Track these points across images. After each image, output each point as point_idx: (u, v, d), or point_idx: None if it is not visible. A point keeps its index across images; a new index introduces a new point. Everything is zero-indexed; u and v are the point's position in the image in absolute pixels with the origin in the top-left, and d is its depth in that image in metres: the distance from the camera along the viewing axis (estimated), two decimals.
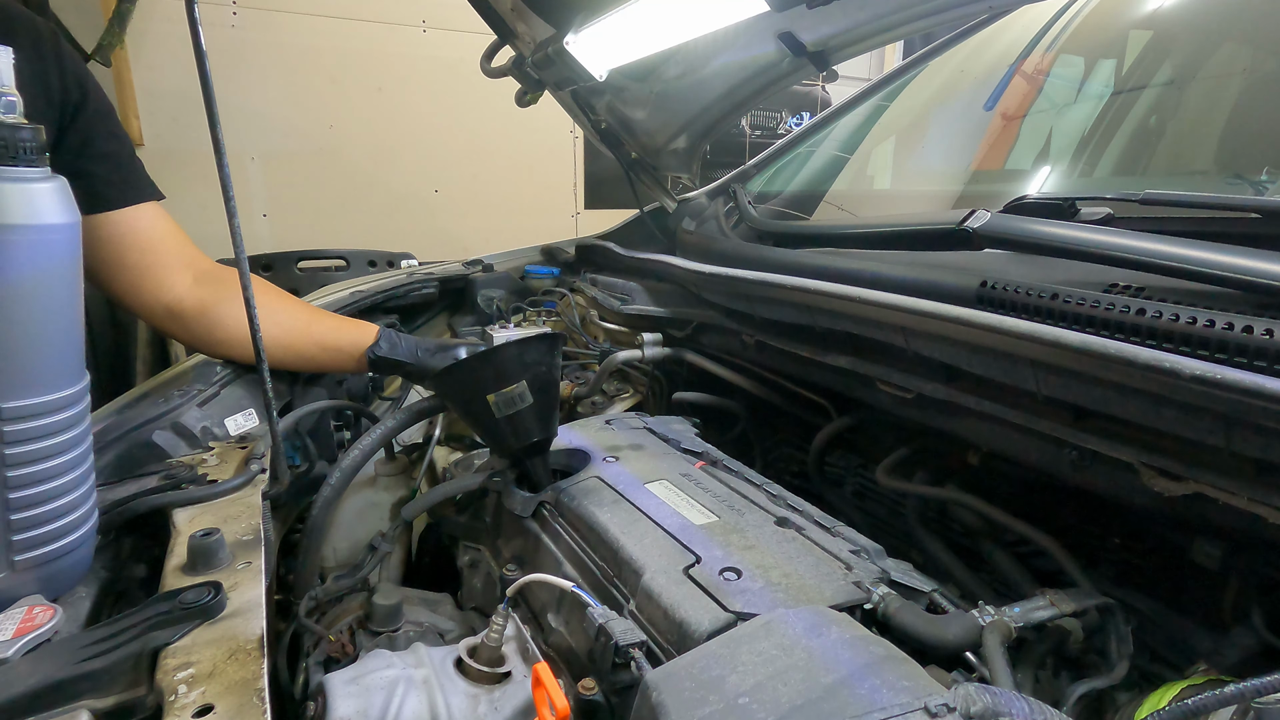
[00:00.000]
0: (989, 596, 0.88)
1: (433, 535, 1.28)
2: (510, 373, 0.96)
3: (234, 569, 0.76)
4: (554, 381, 1.02)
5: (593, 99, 1.58)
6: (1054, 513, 0.94)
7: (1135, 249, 0.75)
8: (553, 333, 1.04)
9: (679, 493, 0.96)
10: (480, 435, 1.08)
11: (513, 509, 1.01)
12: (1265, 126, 1.21)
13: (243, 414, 1.11)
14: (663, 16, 1.18)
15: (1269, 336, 0.60)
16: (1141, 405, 0.69)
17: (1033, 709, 0.55)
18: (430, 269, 1.85)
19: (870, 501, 1.25)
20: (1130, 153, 1.38)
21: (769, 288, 1.14)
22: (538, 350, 0.99)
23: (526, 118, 1.81)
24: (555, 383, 1.02)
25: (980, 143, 1.65)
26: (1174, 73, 1.44)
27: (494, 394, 0.96)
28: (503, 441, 1.02)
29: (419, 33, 3.59)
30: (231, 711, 0.56)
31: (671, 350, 1.55)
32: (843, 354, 1.10)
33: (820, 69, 1.32)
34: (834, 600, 0.72)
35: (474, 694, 0.74)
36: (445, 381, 1.03)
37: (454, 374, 1.01)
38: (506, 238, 2.47)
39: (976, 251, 0.95)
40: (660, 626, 0.72)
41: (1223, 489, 0.67)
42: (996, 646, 0.70)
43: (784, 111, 4.48)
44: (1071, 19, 1.64)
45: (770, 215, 1.56)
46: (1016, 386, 0.82)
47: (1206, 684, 0.68)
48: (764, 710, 0.54)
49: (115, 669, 0.60)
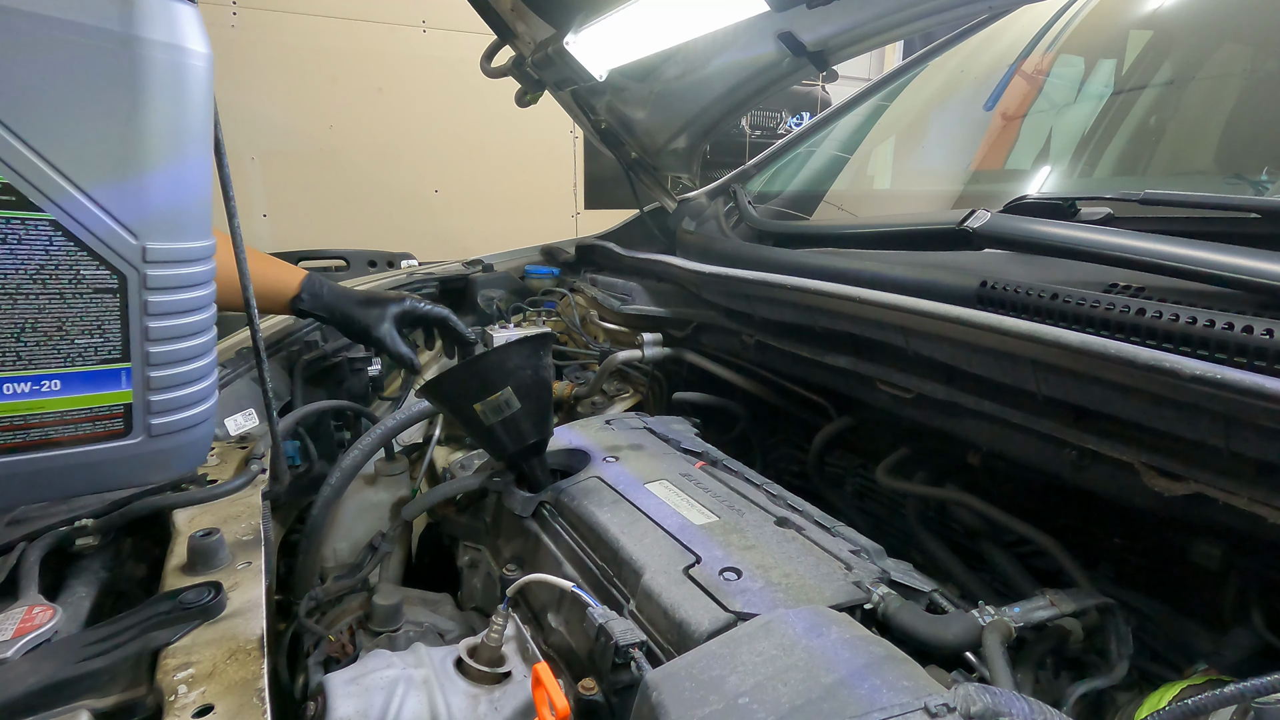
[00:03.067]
0: (989, 596, 0.88)
1: (433, 535, 1.28)
2: (494, 380, 0.95)
3: (234, 569, 0.76)
4: (544, 382, 1.00)
5: (593, 99, 1.58)
6: (1054, 513, 0.94)
7: (1135, 249, 0.75)
8: (540, 333, 1.02)
9: (679, 493, 0.96)
10: (476, 441, 1.08)
11: (513, 509, 1.01)
12: (1265, 126, 1.21)
13: (243, 414, 1.11)
14: (663, 16, 1.18)
15: (1269, 336, 0.60)
16: (1141, 405, 0.69)
17: (1033, 709, 0.55)
18: (430, 269, 1.85)
19: (870, 501, 1.25)
20: (1130, 153, 1.38)
21: (769, 288, 1.14)
22: (521, 354, 0.97)
23: (526, 118, 1.81)
24: (546, 383, 1.00)
25: (980, 143, 1.65)
26: (1174, 73, 1.44)
27: (479, 403, 0.95)
28: (497, 446, 1.01)
29: (419, 33, 3.59)
30: (231, 711, 0.56)
31: (671, 350, 1.55)
32: (843, 354, 1.10)
33: (820, 69, 1.32)
34: (834, 600, 0.72)
35: (474, 694, 0.74)
36: (433, 392, 1.01)
37: (440, 384, 1.00)
38: (506, 238, 2.47)
39: (976, 251, 0.95)
40: (660, 626, 0.72)
41: (1223, 489, 0.67)
42: (996, 646, 0.70)
43: (784, 111, 4.48)
44: (1071, 19, 1.64)
45: (770, 215, 1.56)
46: (1016, 386, 0.82)
47: (1206, 684, 0.68)
48: (764, 710, 0.54)
49: (115, 669, 0.60)
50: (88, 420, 0.60)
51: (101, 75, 0.54)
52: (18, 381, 0.56)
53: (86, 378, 0.59)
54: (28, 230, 0.54)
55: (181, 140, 0.59)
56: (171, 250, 0.60)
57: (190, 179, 0.61)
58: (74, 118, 0.53)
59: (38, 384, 0.57)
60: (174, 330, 0.62)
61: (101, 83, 0.54)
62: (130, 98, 0.55)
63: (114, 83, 0.54)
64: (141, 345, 0.61)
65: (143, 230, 0.58)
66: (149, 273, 0.59)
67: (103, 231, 0.57)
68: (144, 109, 0.56)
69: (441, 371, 1.06)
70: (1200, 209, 0.82)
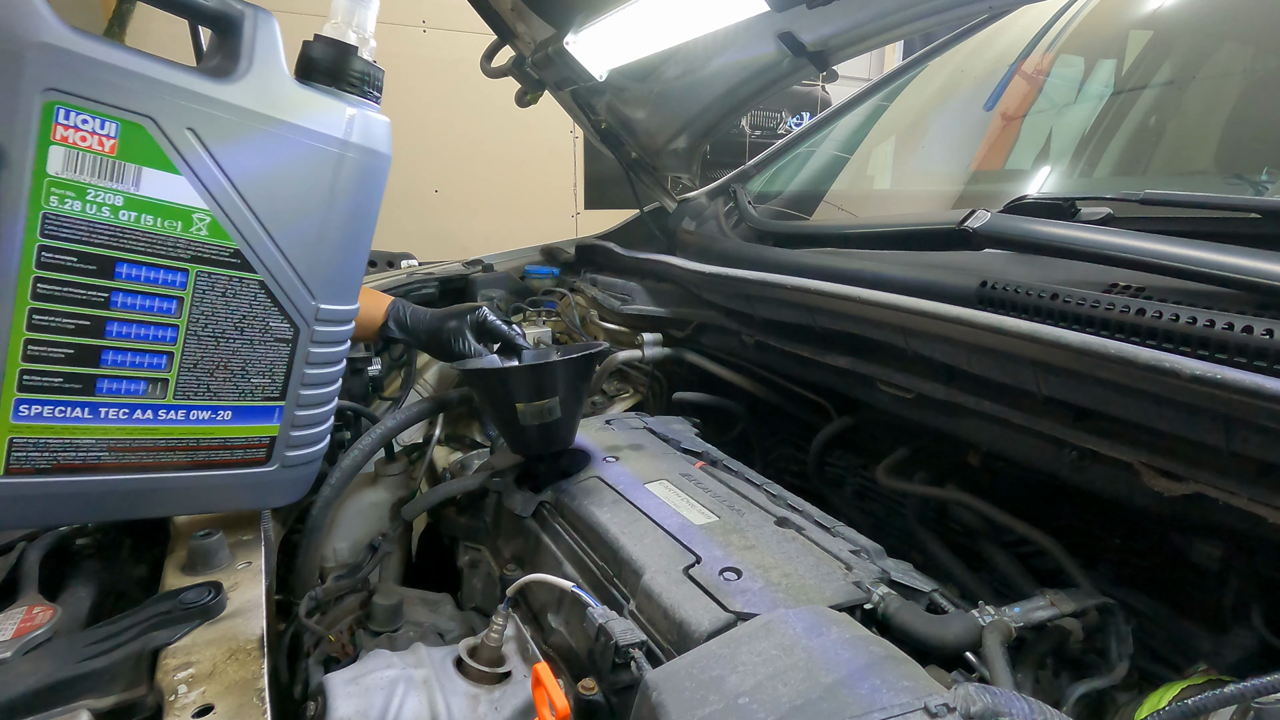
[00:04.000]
0: (989, 596, 0.88)
1: (433, 535, 1.28)
2: (548, 388, 0.96)
3: (234, 569, 0.76)
4: (583, 395, 1.02)
5: (593, 99, 1.58)
6: (1054, 513, 0.94)
7: (1135, 249, 0.75)
8: (597, 349, 1.03)
9: (679, 493, 0.96)
10: (500, 431, 1.08)
11: (513, 509, 1.01)
12: (1265, 126, 1.20)
13: None
14: (663, 16, 1.18)
15: (1269, 336, 0.60)
16: (1141, 405, 0.69)
17: (1033, 709, 0.55)
18: (430, 269, 1.85)
19: (870, 501, 1.25)
20: (1130, 153, 1.38)
21: (769, 288, 1.14)
22: (578, 369, 0.99)
23: (526, 118, 1.81)
24: (584, 396, 1.02)
25: (980, 143, 1.65)
26: (1174, 73, 1.43)
27: (526, 404, 0.96)
28: (523, 444, 1.03)
29: (419, 33, 3.59)
30: (231, 711, 0.56)
31: (671, 350, 1.55)
32: (843, 354, 1.10)
33: (820, 69, 1.32)
34: (834, 600, 0.72)
35: (474, 694, 0.74)
36: (480, 382, 1.02)
37: (492, 378, 1.01)
38: (506, 238, 2.47)
39: (976, 251, 0.95)
40: (660, 626, 0.72)
41: (1223, 489, 0.67)
42: (996, 646, 0.70)
43: (784, 111, 4.48)
44: (1071, 19, 1.64)
45: (770, 215, 1.56)
46: (1017, 386, 0.82)
47: (1206, 684, 0.68)
48: (764, 710, 0.54)
49: (115, 669, 0.60)
50: (242, 447, 0.70)
51: (320, 170, 0.67)
52: (203, 409, 0.67)
53: (252, 411, 0.70)
54: (241, 288, 0.66)
55: (359, 222, 0.72)
56: (334, 311, 0.73)
57: (359, 253, 0.74)
58: (292, 201, 0.66)
59: (216, 413, 0.67)
60: (321, 377, 0.74)
61: (317, 175, 0.67)
62: (333, 187, 0.68)
63: (326, 176, 0.68)
64: (296, 388, 0.72)
65: (319, 292, 0.71)
66: (316, 328, 0.72)
67: (293, 292, 0.69)
68: (340, 196, 0.69)
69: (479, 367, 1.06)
70: (1200, 209, 0.82)
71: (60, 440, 0.59)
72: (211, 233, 0.63)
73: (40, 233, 0.55)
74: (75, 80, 0.54)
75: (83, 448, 0.60)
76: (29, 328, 0.56)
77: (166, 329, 0.63)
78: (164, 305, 0.62)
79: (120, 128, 0.56)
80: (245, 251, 0.65)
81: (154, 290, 0.61)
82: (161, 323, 0.62)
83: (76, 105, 0.54)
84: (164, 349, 0.63)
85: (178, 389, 0.65)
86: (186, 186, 0.61)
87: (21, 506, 0.59)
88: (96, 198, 0.56)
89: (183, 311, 0.63)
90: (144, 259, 0.60)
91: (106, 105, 0.55)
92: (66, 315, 0.57)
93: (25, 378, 0.56)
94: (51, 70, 0.52)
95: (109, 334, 0.60)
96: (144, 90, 0.57)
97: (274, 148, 0.64)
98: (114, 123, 0.56)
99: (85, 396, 0.60)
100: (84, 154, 0.55)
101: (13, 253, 0.54)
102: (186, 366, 0.65)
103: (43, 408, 0.58)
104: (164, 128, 0.58)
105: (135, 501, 0.65)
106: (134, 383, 0.62)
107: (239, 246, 0.64)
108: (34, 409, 0.58)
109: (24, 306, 0.55)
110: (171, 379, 0.64)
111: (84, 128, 0.55)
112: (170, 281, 0.62)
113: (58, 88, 0.53)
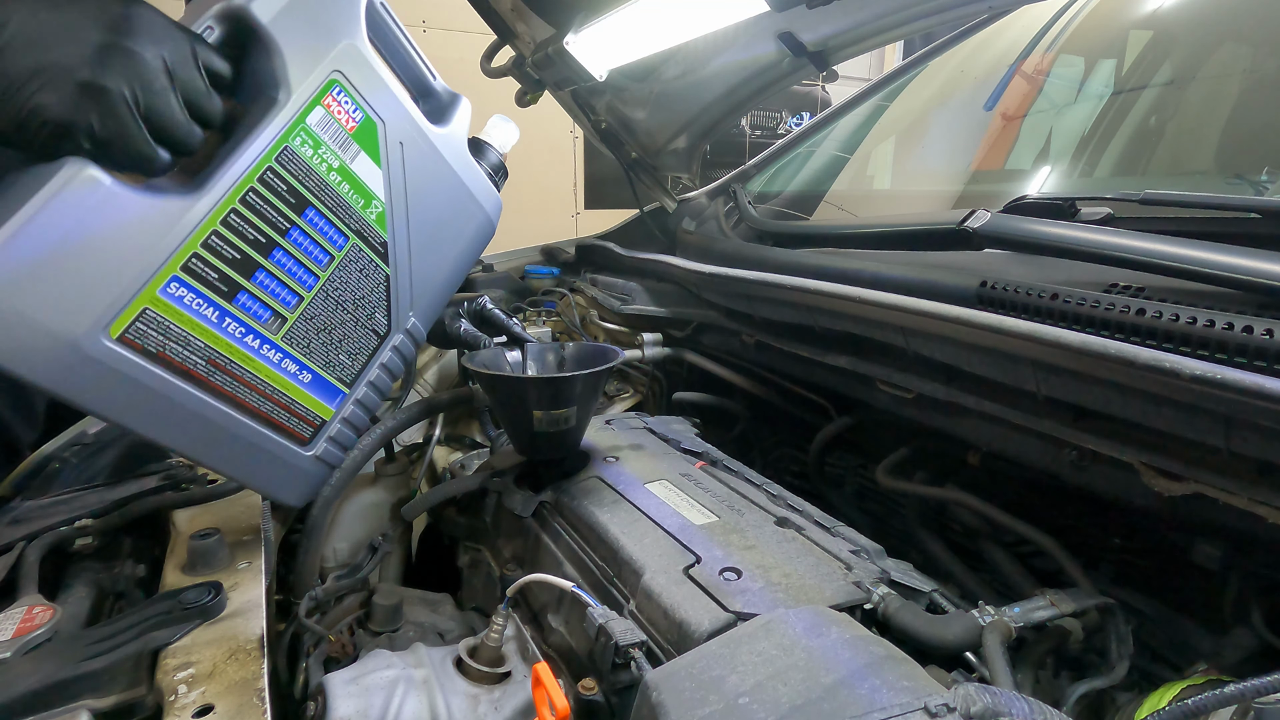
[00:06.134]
0: (989, 596, 0.88)
1: (433, 535, 1.28)
2: (567, 398, 0.95)
3: (234, 569, 0.76)
4: (596, 400, 1.02)
5: (593, 99, 1.58)
6: (1054, 513, 0.94)
7: (1135, 249, 0.75)
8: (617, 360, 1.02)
9: (679, 493, 0.96)
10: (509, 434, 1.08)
11: (513, 509, 1.01)
12: (1265, 126, 1.20)
13: None
14: (663, 16, 1.18)
15: (1269, 336, 0.60)
16: (1141, 405, 0.69)
17: (1033, 709, 0.55)
18: None
19: (870, 501, 1.25)
20: (1130, 153, 1.38)
21: (769, 288, 1.14)
22: (597, 381, 0.99)
23: (526, 118, 1.81)
24: (596, 401, 1.02)
25: (980, 143, 1.65)
26: (1174, 73, 1.43)
27: (543, 412, 0.95)
28: (532, 449, 1.02)
29: (419, 33, 3.59)
30: (231, 711, 0.56)
31: (671, 350, 1.55)
32: (843, 354, 1.10)
33: (820, 69, 1.32)
34: (834, 600, 0.72)
35: (474, 694, 0.74)
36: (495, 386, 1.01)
37: (512, 385, 1.00)
38: (506, 238, 2.46)
39: (976, 251, 0.95)
40: (660, 626, 0.72)
41: (1223, 489, 0.67)
42: (996, 646, 0.70)
43: (784, 111, 4.48)
44: (1071, 19, 1.64)
45: (770, 215, 1.56)
46: (1016, 387, 0.82)
47: (1206, 684, 0.68)
48: (764, 710, 0.54)
49: (115, 669, 0.60)
50: (300, 416, 0.75)
51: (459, 217, 0.85)
52: (295, 361, 0.73)
53: (325, 386, 0.77)
54: (374, 272, 0.78)
55: (462, 267, 0.88)
56: (417, 329, 0.84)
57: (449, 291, 0.88)
58: (435, 228, 0.82)
59: (301, 370, 0.74)
60: (383, 382, 0.82)
61: (456, 219, 0.85)
62: (460, 232, 0.86)
63: (460, 223, 0.85)
64: (363, 382, 0.80)
65: (417, 308, 0.83)
66: (400, 336, 0.82)
67: (402, 297, 0.81)
68: (461, 241, 0.86)
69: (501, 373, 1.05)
70: (1200, 209, 0.82)
71: (180, 331, 0.63)
72: (377, 220, 0.77)
73: (275, 159, 0.67)
74: (355, 74, 0.71)
75: (192, 348, 0.64)
76: (222, 223, 0.64)
77: (311, 276, 0.72)
78: (320, 256, 0.73)
79: (363, 117, 0.73)
80: (390, 247, 0.78)
81: (320, 240, 0.72)
82: (310, 269, 0.72)
83: (347, 89, 0.71)
84: (299, 291, 0.72)
85: (289, 331, 0.71)
86: (380, 179, 0.76)
87: (103, 378, 0.60)
88: (324, 154, 0.71)
89: (328, 269, 0.74)
90: (327, 214, 0.72)
91: (364, 99, 0.72)
92: (252, 226, 0.67)
93: (193, 261, 0.63)
94: (345, 61, 0.70)
95: (271, 258, 0.69)
96: (389, 102, 0.75)
97: (442, 187, 0.82)
98: (361, 112, 0.73)
99: (224, 301, 0.66)
100: (334, 121, 0.71)
101: (248, 162, 0.65)
102: (306, 316, 0.73)
103: (188, 293, 0.63)
104: (388, 131, 0.75)
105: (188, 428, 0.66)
106: (264, 308, 0.69)
107: (388, 240, 0.78)
108: (180, 290, 0.63)
109: (228, 205, 0.64)
110: (290, 319, 0.72)
111: (343, 105, 0.71)
112: (333, 240, 0.73)
113: (342, 71, 0.70)
